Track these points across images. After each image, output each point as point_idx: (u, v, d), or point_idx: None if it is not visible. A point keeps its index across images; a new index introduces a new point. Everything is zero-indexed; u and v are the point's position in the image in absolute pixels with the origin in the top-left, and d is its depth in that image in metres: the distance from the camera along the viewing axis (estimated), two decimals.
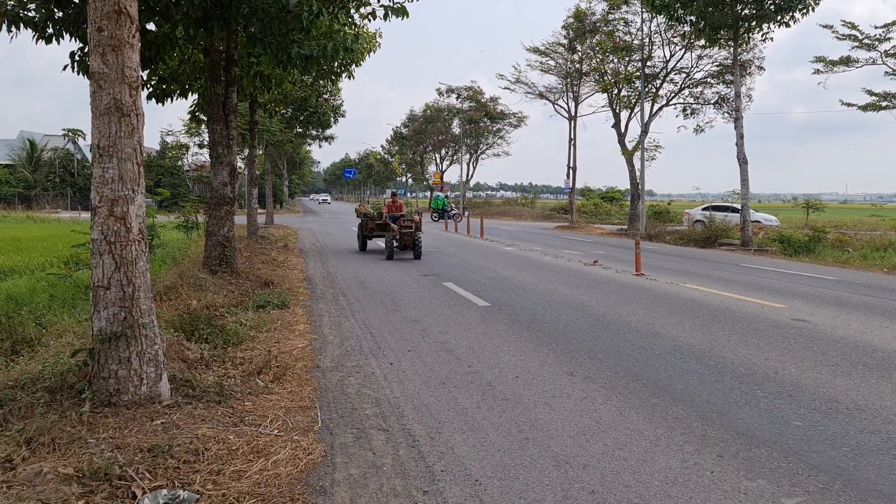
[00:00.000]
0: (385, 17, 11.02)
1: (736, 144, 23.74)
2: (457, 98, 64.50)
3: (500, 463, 4.29)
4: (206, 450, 4.21)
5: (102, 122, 4.59)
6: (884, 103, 25.78)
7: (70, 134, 61.15)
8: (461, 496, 3.82)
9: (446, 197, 52.28)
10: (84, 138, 62.01)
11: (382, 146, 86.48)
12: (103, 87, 4.56)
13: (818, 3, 21.94)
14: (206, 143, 43.98)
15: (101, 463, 3.85)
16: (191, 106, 16.59)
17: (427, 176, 76.49)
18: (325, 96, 29.58)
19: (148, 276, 4.88)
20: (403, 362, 6.89)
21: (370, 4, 11.58)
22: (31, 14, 9.80)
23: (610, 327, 8.75)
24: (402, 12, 10.99)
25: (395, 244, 18.04)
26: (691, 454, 4.44)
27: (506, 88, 61.35)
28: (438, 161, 72.29)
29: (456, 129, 66.09)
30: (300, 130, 34.63)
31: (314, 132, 36.40)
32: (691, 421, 5.11)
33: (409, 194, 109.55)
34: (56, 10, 9.78)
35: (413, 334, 8.29)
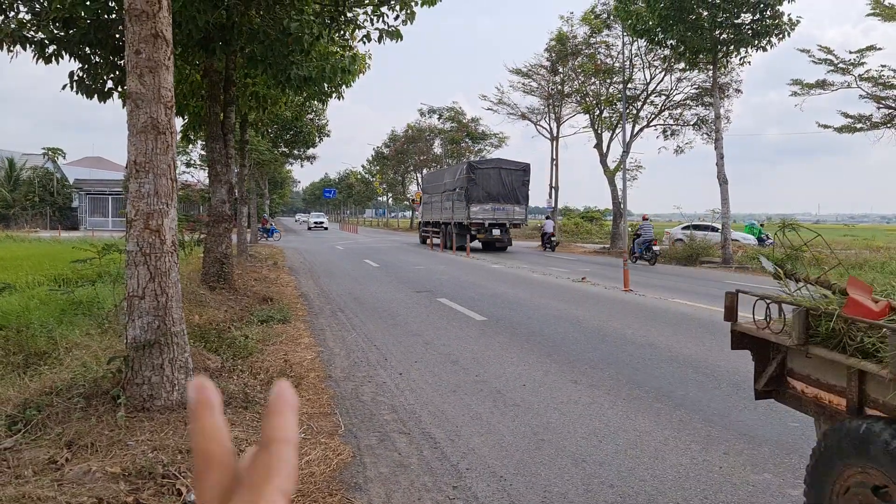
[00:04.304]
0: (380, 39, 11.33)
1: (716, 164, 24.28)
2: (438, 118, 65.00)
3: (520, 461, 4.53)
4: (242, 451, 4.38)
5: (139, 140, 4.82)
6: (858, 125, 26.50)
7: (49, 153, 60.71)
8: (489, 490, 4.06)
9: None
10: (64, 157, 61.62)
11: (363, 166, 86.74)
12: (140, 106, 4.79)
13: (794, 29, 22.69)
14: (192, 161, 44.17)
15: (144, 462, 4.04)
16: (182, 125, 16.75)
17: (408, 195, 76.78)
18: (310, 116, 29.81)
19: (179, 286, 5.09)
20: (412, 372, 7.11)
21: (365, 28, 11.92)
22: (32, 35, 9.97)
23: (607, 339, 9.03)
24: (396, 35, 11.30)
25: None
26: (699, 452, 4.71)
27: (489, 109, 61.44)
28: (420, 181, 72.67)
29: (437, 150, 66.56)
30: (285, 150, 34.79)
31: (297, 151, 36.58)
32: (695, 423, 5.39)
33: (388, 215, 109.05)
34: (57, 31, 9.97)
35: (417, 346, 8.51)
